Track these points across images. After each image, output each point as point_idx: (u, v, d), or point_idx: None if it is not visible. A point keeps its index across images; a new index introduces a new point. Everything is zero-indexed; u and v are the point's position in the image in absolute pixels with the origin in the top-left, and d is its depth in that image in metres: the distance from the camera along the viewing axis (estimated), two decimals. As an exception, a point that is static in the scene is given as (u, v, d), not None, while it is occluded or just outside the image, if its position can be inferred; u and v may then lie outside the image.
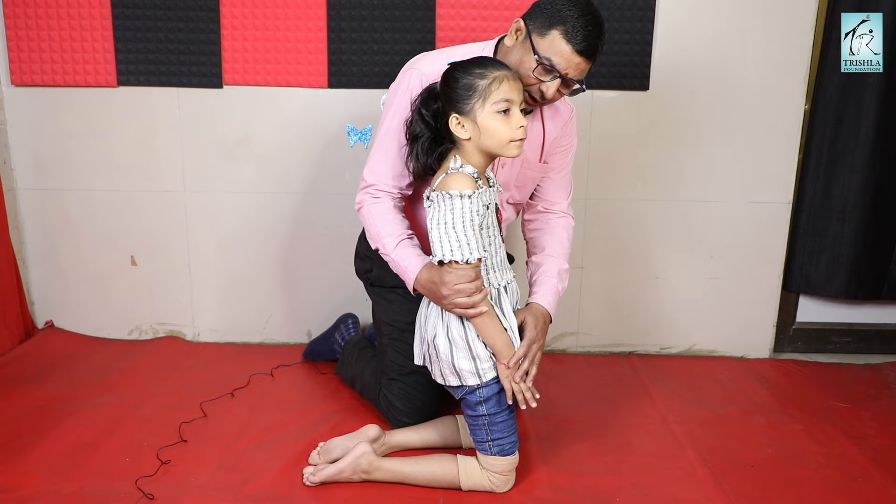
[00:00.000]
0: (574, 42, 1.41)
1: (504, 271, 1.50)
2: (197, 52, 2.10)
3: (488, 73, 1.35)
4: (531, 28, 1.45)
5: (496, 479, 1.48)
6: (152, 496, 1.44)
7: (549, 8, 1.43)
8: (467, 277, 1.37)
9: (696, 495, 1.50)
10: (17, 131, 2.18)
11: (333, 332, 2.12)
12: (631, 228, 2.24)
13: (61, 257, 2.28)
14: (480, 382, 1.44)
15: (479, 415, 1.45)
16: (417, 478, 1.50)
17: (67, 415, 1.78)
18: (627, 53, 2.10)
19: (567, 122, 1.68)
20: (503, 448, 1.46)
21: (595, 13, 1.44)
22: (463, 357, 1.43)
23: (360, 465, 1.49)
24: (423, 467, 1.51)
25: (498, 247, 1.47)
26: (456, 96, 1.37)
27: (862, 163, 2.17)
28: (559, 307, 1.63)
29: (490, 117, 1.36)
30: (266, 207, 2.23)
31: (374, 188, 1.57)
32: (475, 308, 1.39)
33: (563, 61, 1.43)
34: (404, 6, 2.06)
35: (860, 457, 1.67)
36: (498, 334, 1.42)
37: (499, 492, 1.48)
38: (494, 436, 1.45)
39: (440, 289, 1.39)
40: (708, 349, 2.33)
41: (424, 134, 1.44)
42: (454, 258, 1.36)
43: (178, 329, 2.33)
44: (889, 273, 2.28)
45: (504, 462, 1.47)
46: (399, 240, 1.51)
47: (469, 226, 1.35)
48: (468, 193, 1.34)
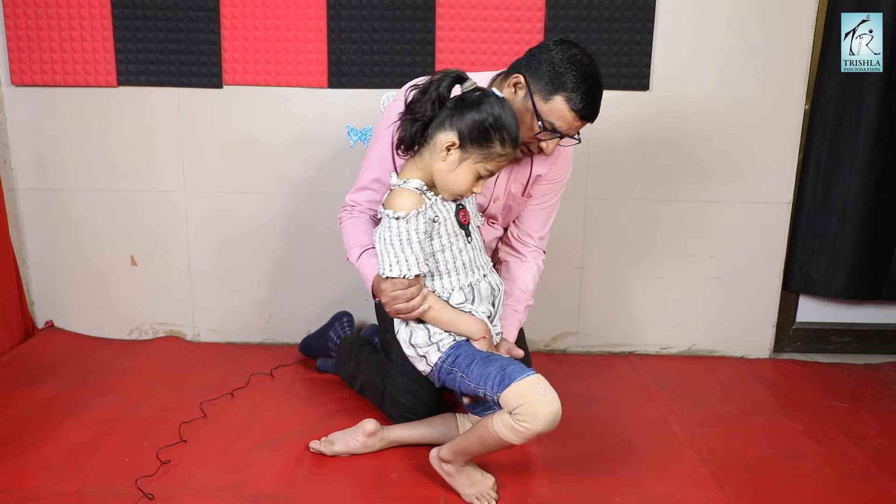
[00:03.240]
0: (577, 109, 1.44)
1: (473, 270, 1.48)
2: (197, 52, 2.10)
3: (506, 148, 1.36)
4: (533, 89, 1.45)
5: (524, 412, 1.31)
6: (152, 496, 1.44)
7: (550, 70, 1.43)
8: (402, 285, 1.41)
9: (696, 495, 1.50)
10: (17, 131, 2.18)
11: (328, 329, 2.12)
12: (631, 228, 2.24)
13: (61, 257, 2.28)
14: (441, 354, 1.45)
15: (464, 380, 1.41)
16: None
17: (67, 415, 1.78)
18: (627, 53, 2.10)
19: (557, 158, 1.67)
20: (503, 379, 1.34)
21: (595, 74, 1.45)
22: (422, 342, 1.46)
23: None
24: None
25: (459, 250, 1.45)
26: (470, 133, 1.35)
27: (862, 163, 2.17)
28: (559, 307, 1.62)
29: (469, 171, 1.38)
30: (266, 207, 2.23)
31: (354, 209, 1.65)
32: (417, 310, 1.43)
33: (565, 125, 1.47)
34: (404, 6, 2.06)
35: (860, 457, 1.67)
36: (457, 318, 1.45)
37: (538, 427, 1.31)
38: (486, 380, 1.36)
39: (380, 296, 1.46)
40: (708, 349, 2.33)
41: (425, 116, 1.38)
42: (392, 274, 1.40)
43: (178, 329, 2.33)
44: (889, 273, 2.28)
45: (516, 386, 1.32)
46: (363, 250, 1.58)
47: (406, 244, 1.39)
48: (402, 216, 1.38)
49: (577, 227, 2.23)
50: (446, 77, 1.37)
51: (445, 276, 1.46)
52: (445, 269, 1.46)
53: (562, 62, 1.42)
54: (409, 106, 1.40)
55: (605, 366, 2.20)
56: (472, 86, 1.39)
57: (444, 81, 1.37)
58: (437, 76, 1.38)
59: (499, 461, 1.61)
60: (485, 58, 2.08)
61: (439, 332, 1.46)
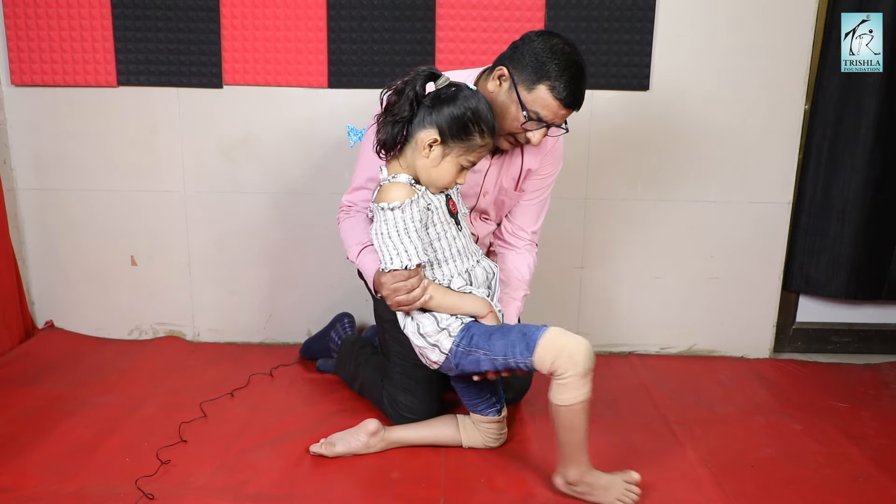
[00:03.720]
0: (561, 97, 1.45)
1: (467, 257, 1.51)
2: (197, 52, 2.10)
3: (486, 138, 1.41)
4: (516, 80, 1.47)
5: (561, 364, 1.34)
6: (152, 496, 1.44)
7: (532, 60, 1.45)
8: (402, 276, 1.42)
9: (696, 495, 1.50)
10: (17, 131, 2.18)
11: (329, 330, 2.12)
12: (631, 228, 2.24)
13: (61, 257, 2.28)
14: (454, 338, 1.45)
15: (489, 356, 1.42)
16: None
17: (67, 415, 1.78)
18: (627, 53, 2.10)
19: (549, 151, 1.69)
20: (527, 341, 1.37)
21: (577, 62, 1.46)
22: (432, 330, 1.46)
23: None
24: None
25: (453, 237, 1.49)
26: (450, 128, 1.38)
27: (862, 163, 2.17)
28: (559, 307, 1.62)
29: (452, 164, 1.42)
30: (266, 207, 2.23)
31: (351, 209, 1.67)
32: (419, 301, 1.44)
33: (549, 114, 1.48)
34: (404, 6, 2.06)
35: (860, 457, 1.67)
36: (460, 300, 1.46)
37: (580, 368, 1.34)
38: (513, 348, 1.39)
39: (381, 289, 1.46)
40: (708, 349, 2.33)
41: (404, 116, 1.40)
42: (394, 266, 1.41)
43: (178, 329, 2.33)
44: (889, 273, 2.28)
45: (542, 343, 1.36)
46: (361, 247, 1.58)
47: (404, 234, 1.41)
48: (397, 205, 1.39)
49: (577, 227, 2.23)
50: (419, 75, 1.40)
51: (444, 265, 1.49)
52: (443, 256, 1.48)
53: (544, 52, 1.44)
54: (386, 108, 1.42)
55: (605, 366, 2.20)
56: (446, 81, 1.42)
57: (418, 80, 1.39)
58: (410, 75, 1.40)
59: (499, 461, 1.61)
60: (485, 58, 2.07)
61: (446, 317, 1.47)
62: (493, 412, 1.63)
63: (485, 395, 1.61)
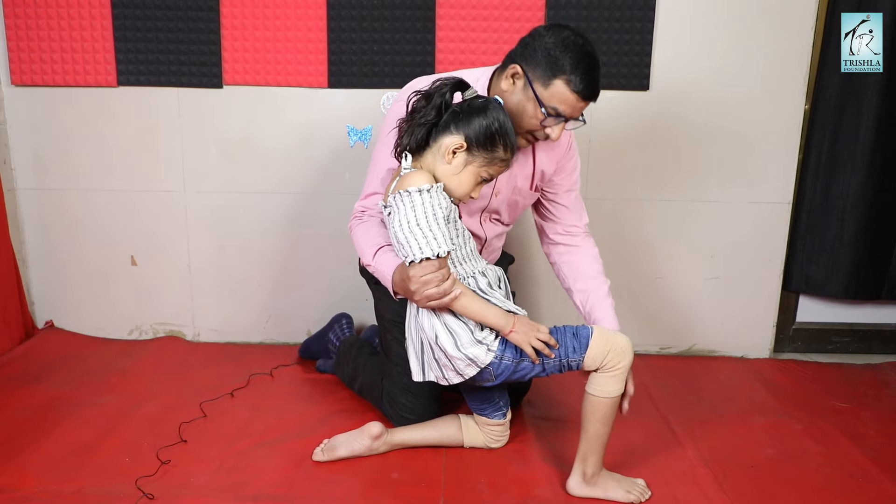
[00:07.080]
0: (578, 90, 1.44)
1: (475, 260, 1.50)
2: (197, 52, 2.10)
3: (507, 153, 1.41)
4: (531, 77, 1.46)
5: (612, 357, 1.43)
6: (152, 496, 1.44)
7: (545, 56, 1.44)
8: (432, 267, 1.36)
9: (696, 495, 1.50)
10: (17, 131, 2.18)
11: (328, 331, 2.12)
12: (631, 228, 2.24)
13: (61, 257, 2.28)
14: (495, 354, 1.43)
15: (535, 365, 1.45)
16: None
17: (67, 415, 1.78)
18: (627, 53, 2.10)
19: (557, 146, 1.67)
20: (578, 340, 1.44)
21: (590, 53, 1.45)
22: (468, 342, 1.42)
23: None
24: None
25: (466, 239, 1.49)
26: (476, 137, 1.38)
27: (862, 163, 2.17)
28: (559, 307, 1.62)
29: (472, 174, 1.41)
30: (266, 207, 2.23)
31: (364, 213, 1.63)
32: (449, 294, 1.38)
33: (568, 108, 1.46)
34: (404, 6, 2.06)
35: (860, 457, 1.67)
36: (486, 309, 1.42)
37: (628, 358, 1.45)
38: (567, 349, 1.44)
39: (409, 284, 1.38)
40: (708, 349, 2.33)
41: (429, 120, 1.40)
42: (424, 255, 1.34)
43: (178, 329, 2.33)
44: (889, 273, 2.28)
45: (593, 341, 1.44)
46: (377, 248, 1.54)
47: (433, 219, 1.36)
48: (426, 188, 1.36)
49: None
50: (448, 84, 1.40)
51: (463, 264, 1.47)
52: (462, 255, 1.47)
53: (556, 46, 1.43)
54: (412, 112, 1.42)
55: (605, 366, 2.20)
56: (475, 93, 1.42)
57: (447, 88, 1.40)
58: (439, 83, 1.41)
59: (499, 461, 1.61)
60: (485, 58, 2.08)
61: (478, 329, 1.43)
62: (499, 416, 1.63)
63: (492, 400, 1.61)
